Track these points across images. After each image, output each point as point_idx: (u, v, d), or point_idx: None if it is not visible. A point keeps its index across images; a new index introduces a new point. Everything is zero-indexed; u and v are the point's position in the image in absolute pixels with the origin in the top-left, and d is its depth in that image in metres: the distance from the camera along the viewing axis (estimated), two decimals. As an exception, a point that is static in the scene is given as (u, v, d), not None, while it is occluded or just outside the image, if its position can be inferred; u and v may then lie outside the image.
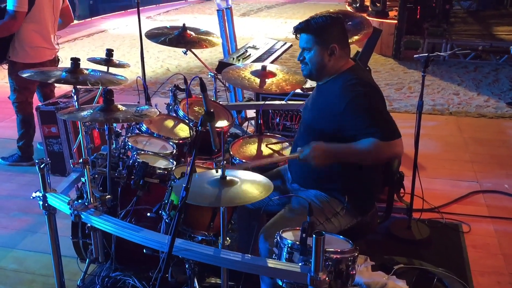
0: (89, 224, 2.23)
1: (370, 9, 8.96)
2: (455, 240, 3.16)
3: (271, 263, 1.80)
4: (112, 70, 3.08)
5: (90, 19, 12.72)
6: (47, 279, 2.80)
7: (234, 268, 1.90)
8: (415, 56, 3.24)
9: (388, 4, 9.00)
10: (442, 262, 2.88)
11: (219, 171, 1.96)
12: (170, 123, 2.98)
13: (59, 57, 4.31)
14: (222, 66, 3.73)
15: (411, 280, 2.67)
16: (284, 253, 1.83)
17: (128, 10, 13.46)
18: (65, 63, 7.98)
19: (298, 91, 3.73)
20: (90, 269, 2.65)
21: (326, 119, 2.21)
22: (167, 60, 8.16)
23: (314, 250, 1.63)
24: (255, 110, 4.05)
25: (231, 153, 2.79)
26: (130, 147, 2.58)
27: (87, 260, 2.60)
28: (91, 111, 2.25)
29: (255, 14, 13.53)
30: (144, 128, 2.81)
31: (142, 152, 2.56)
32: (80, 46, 9.27)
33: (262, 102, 3.72)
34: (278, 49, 4.68)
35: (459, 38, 8.23)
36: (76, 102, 2.66)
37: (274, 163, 2.64)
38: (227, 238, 2.01)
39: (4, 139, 4.73)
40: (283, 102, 3.68)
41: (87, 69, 2.62)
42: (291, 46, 5.00)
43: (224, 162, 1.98)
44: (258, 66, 3.08)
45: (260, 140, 3.00)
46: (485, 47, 7.60)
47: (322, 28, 2.20)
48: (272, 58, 4.39)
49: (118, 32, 10.75)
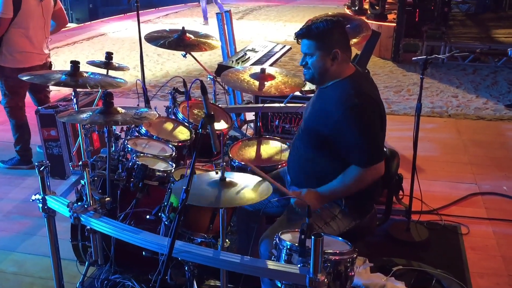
0: (88, 227, 2.24)
1: (369, 12, 8.99)
2: (454, 242, 3.17)
3: (270, 264, 1.80)
4: (111, 73, 3.09)
5: (90, 22, 12.73)
6: (46, 282, 2.80)
7: (233, 269, 1.90)
8: (413, 58, 3.26)
9: (387, 7, 9.03)
10: (441, 264, 2.88)
11: (219, 173, 1.96)
12: (169, 125, 2.99)
13: (51, 62, 4.28)
14: (221, 69, 3.75)
15: (410, 282, 2.67)
16: (283, 254, 1.83)
17: (127, 14, 13.48)
18: (64, 67, 7.99)
19: (297, 93, 3.74)
20: (89, 271, 2.65)
21: (323, 123, 2.22)
22: (166, 63, 8.17)
23: (313, 252, 1.64)
24: (254, 113, 4.06)
25: (230, 155, 2.80)
26: (129, 149, 2.59)
27: (87, 262, 2.60)
28: (91, 113, 2.26)
29: (253, 17, 13.55)
30: (143, 130, 2.82)
31: (142, 154, 2.57)
32: (80, 50, 9.28)
33: (261, 105, 3.73)
34: (277, 52, 4.70)
35: (457, 40, 8.25)
36: (75, 105, 2.67)
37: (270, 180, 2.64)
38: (226, 240, 2.02)
39: (4, 142, 4.73)
40: (282, 105, 3.69)
41: (87, 72, 2.63)
42: (290, 49, 5.02)
43: (224, 164, 1.98)
44: (257, 69, 3.09)
45: (259, 143, 3.01)
46: (483, 49, 7.62)
47: (324, 33, 2.18)
48: (271, 61, 4.41)
49: (118, 36, 10.76)
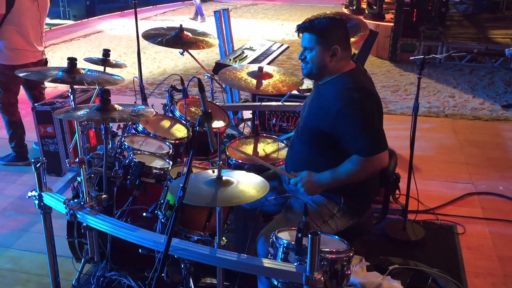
0: (84, 224, 2.23)
1: (367, 11, 8.99)
2: (450, 241, 3.18)
3: (267, 262, 1.81)
4: (108, 70, 3.08)
5: (87, 19, 12.69)
6: (42, 279, 2.79)
7: (229, 267, 1.90)
8: (411, 58, 3.26)
9: (385, 7, 9.03)
10: (436, 263, 2.89)
11: (215, 171, 1.96)
12: (166, 123, 2.99)
13: (46, 58, 4.25)
14: (218, 67, 3.75)
15: (406, 281, 2.68)
16: (280, 253, 1.84)
17: (125, 11, 13.44)
18: (61, 63, 7.95)
19: (295, 92, 3.74)
20: (85, 268, 2.65)
21: (322, 119, 2.22)
22: (164, 60, 8.16)
23: (309, 250, 1.64)
24: (251, 111, 4.06)
25: (227, 153, 2.80)
26: (126, 147, 2.59)
27: (83, 259, 2.60)
28: (88, 110, 2.25)
29: (251, 15, 13.54)
30: (140, 128, 2.81)
31: (139, 152, 2.56)
32: (77, 47, 9.25)
33: (259, 103, 3.73)
34: (274, 50, 4.70)
35: (455, 41, 8.26)
36: (72, 102, 2.66)
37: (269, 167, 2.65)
38: (223, 238, 2.02)
39: (0, 139, 4.72)
40: (280, 103, 3.69)
41: (84, 69, 2.62)
42: (287, 47, 5.02)
43: (221, 162, 1.98)
44: (254, 67, 3.09)
45: (257, 141, 3.01)
46: (480, 50, 7.63)
47: (326, 28, 2.20)
48: (269, 59, 4.41)
49: (115, 33, 10.74)
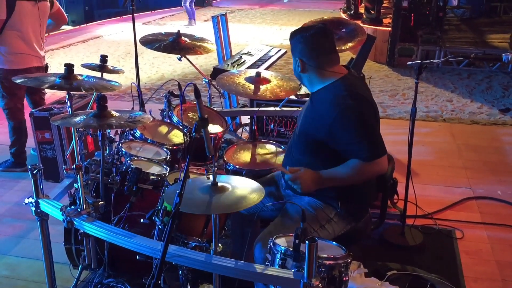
0: (81, 230, 2.22)
1: (364, 16, 9.02)
2: (449, 246, 3.17)
3: (264, 269, 1.80)
4: (106, 76, 3.08)
5: (85, 25, 12.71)
6: (39, 286, 2.78)
7: (227, 274, 1.89)
8: (408, 63, 3.26)
9: (382, 12, 9.06)
10: (435, 268, 2.89)
11: (211, 177, 1.96)
12: (164, 129, 2.98)
13: (47, 64, 4.27)
14: (216, 72, 3.74)
15: (404, 286, 2.68)
16: (277, 259, 1.83)
17: (123, 16, 13.46)
18: (59, 69, 7.94)
19: (293, 97, 3.74)
20: (82, 275, 2.64)
21: (318, 127, 2.22)
22: (162, 66, 8.16)
23: (307, 256, 1.64)
24: (249, 116, 4.06)
25: (225, 159, 2.79)
26: (123, 153, 2.58)
27: (80, 266, 2.59)
28: (85, 117, 2.25)
29: (249, 20, 13.57)
30: (138, 134, 2.81)
31: (136, 158, 2.56)
32: (75, 52, 9.26)
33: (257, 109, 3.73)
34: (272, 55, 4.70)
35: (452, 45, 8.29)
36: (69, 108, 2.66)
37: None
38: (219, 244, 2.01)
39: (-3, 144, 4.71)
40: (277, 109, 3.69)
41: (81, 75, 2.62)
42: (285, 52, 5.02)
43: (215, 168, 1.98)
44: (252, 73, 3.09)
45: (255, 146, 3.00)
46: (478, 54, 7.64)
47: (292, 41, 2.29)
48: (266, 64, 4.41)
49: (113, 38, 10.75)
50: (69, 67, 2.51)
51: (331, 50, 2.27)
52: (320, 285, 1.68)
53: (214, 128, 3.02)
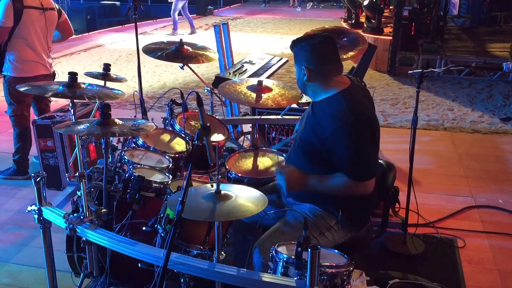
0: (84, 238, 2.23)
1: (365, 25, 9.06)
2: (450, 255, 3.17)
3: (267, 277, 1.80)
4: (109, 84, 3.10)
5: (87, 33, 12.78)
6: (41, 294, 2.78)
7: (229, 282, 1.89)
8: (409, 72, 3.28)
9: (383, 21, 9.11)
10: (437, 277, 2.88)
11: (214, 185, 1.96)
12: (166, 137, 2.99)
13: (55, 71, 4.31)
14: (218, 80, 3.77)
15: (407, 295, 2.67)
16: (280, 267, 1.83)
17: (125, 25, 13.54)
18: (62, 77, 7.98)
19: (294, 106, 3.75)
20: (84, 283, 2.63)
21: (317, 137, 2.23)
22: (163, 74, 8.20)
23: (309, 264, 1.64)
24: (251, 125, 4.07)
25: (227, 167, 2.80)
26: (126, 161, 2.59)
27: (82, 274, 2.58)
28: (88, 125, 2.26)
29: (251, 29, 13.63)
30: (140, 142, 2.82)
31: (138, 166, 2.57)
32: (77, 60, 9.31)
33: (258, 117, 3.74)
34: (274, 64, 4.73)
35: (453, 54, 8.32)
36: (73, 116, 2.67)
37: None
38: (222, 252, 2.01)
39: (0, 152, 4.72)
40: (279, 117, 3.70)
41: (84, 83, 2.64)
42: (287, 61, 5.05)
43: (219, 176, 1.98)
44: (254, 81, 3.10)
45: (256, 155, 3.01)
46: (479, 63, 7.67)
47: (296, 50, 2.28)
48: (268, 73, 4.43)
49: (115, 47, 10.80)
50: (73, 75, 2.52)
51: (337, 59, 2.29)
52: (322, 293, 1.68)
53: (216, 137, 3.03)
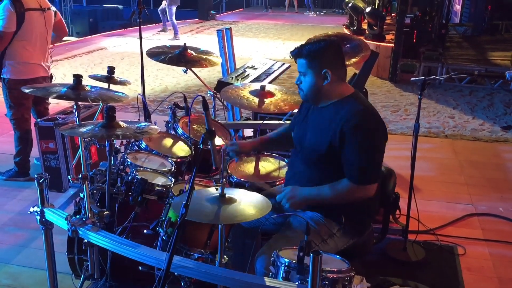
0: (86, 240, 2.23)
1: (367, 32, 9.09)
2: (451, 263, 3.17)
3: (268, 281, 1.80)
4: (112, 87, 3.11)
5: (90, 36, 12.82)
6: (41, 295, 2.78)
7: (230, 286, 1.90)
8: (411, 79, 3.29)
9: (385, 28, 9.14)
10: (437, 284, 2.88)
11: (218, 189, 1.97)
12: (169, 140, 3.00)
13: (52, 74, 4.27)
14: (221, 85, 3.77)
15: (407, 302, 2.67)
16: (281, 271, 1.83)
17: (127, 29, 13.58)
18: (64, 80, 7.95)
19: (296, 111, 3.75)
20: (84, 285, 2.63)
21: (328, 140, 2.21)
22: (165, 78, 8.22)
23: (311, 269, 1.64)
24: (252, 129, 4.07)
25: (229, 171, 2.80)
26: (129, 163, 2.60)
27: (82, 276, 2.59)
28: (92, 127, 2.27)
29: (253, 34, 13.67)
30: (143, 145, 2.83)
31: (141, 168, 2.57)
32: (79, 63, 9.33)
33: (260, 122, 3.75)
34: (276, 69, 4.73)
35: (454, 62, 8.35)
36: (77, 118, 2.69)
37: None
38: (224, 256, 2.02)
39: (1, 153, 4.73)
40: (281, 122, 3.70)
41: (87, 85, 2.65)
42: (289, 66, 5.06)
43: (224, 180, 1.99)
44: (257, 86, 3.11)
45: (258, 159, 3.02)
46: (480, 71, 7.70)
47: (315, 53, 2.21)
48: (270, 78, 4.44)
49: (117, 50, 10.83)
50: (77, 77, 2.54)
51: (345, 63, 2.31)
52: (323, 298, 1.68)
53: (219, 141, 3.04)
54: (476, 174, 4.59)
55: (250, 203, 1.96)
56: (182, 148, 2.93)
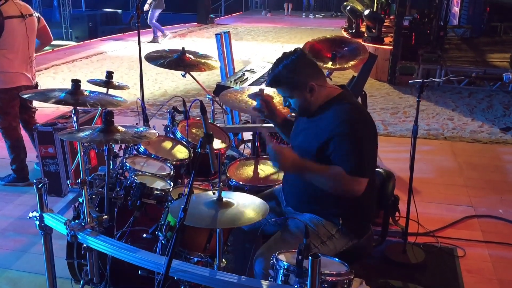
0: (85, 245, 2.23)
1: (366, 35, 9.10)
2: (450, 265, 3.17)
3: (267, 285, 1.80)
4: (111, 91, 3.12)
5: (89, 41, 12.84)
6: (40, 300, 2.78)
7: (230, 290, 1.90)
8: (410, 81, 3.30)
9: (384, 30, 9.15)
10: (437, 286, 2.88)
11: (216, 193, 1.97)
12: (167, 144, 3.01)
13: (37, 82, 4.22)
14: (220, 88, 3.78)
15: (407, 304, 2.67)
16: (280, 275, 1.83)
17: (126, 33, 13.60)
18: (63, 85, 7.97)
19: (294, 114, 3.76)
20: (84, 290, 2.64)
21: (318, 140, 2.23)
22: (165, 82, 8.22)
23: (310, 273, 1.64)
24: (251, 133, 4.08)
25: (228, 175, 2.81)
26: (128, 168, 2.60)
27: (82, 281, 2.58)
28: (91, 131, 2.28)
29: (252, 38, 13.69)
30: (142, 149, 2.83)
31: (140, 173, 2.58)
32: (78, 68, 9.33)
33: (259, 125, 3.75)
34: (275, 73, 4.73)
35: (453, 64, 8.35)
36: (75, 123, 2.69)
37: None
38: (223, 260, 2.02)
39: (0, 159, 4.73)
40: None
41: (86, 90, 2.65)
42: (288, 70, 5.06)
43: (221, 184, 1.99)
44: (255, 89, 3.12)
45: (257, 162, 3.02)
46: (479, 74, 7.71)
47: (291, 76, 2.22)
48: (269, 81, 4.44)
49: (117, 54, 10.84)
50: (76, 82, 2.54)
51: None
52: (323, 301, 1.68)
53: (217, 144, 3.04)
54: (475, 175, 4.60)
55: (247, 206, 1.96)
56: (181, 151, 2.94)
